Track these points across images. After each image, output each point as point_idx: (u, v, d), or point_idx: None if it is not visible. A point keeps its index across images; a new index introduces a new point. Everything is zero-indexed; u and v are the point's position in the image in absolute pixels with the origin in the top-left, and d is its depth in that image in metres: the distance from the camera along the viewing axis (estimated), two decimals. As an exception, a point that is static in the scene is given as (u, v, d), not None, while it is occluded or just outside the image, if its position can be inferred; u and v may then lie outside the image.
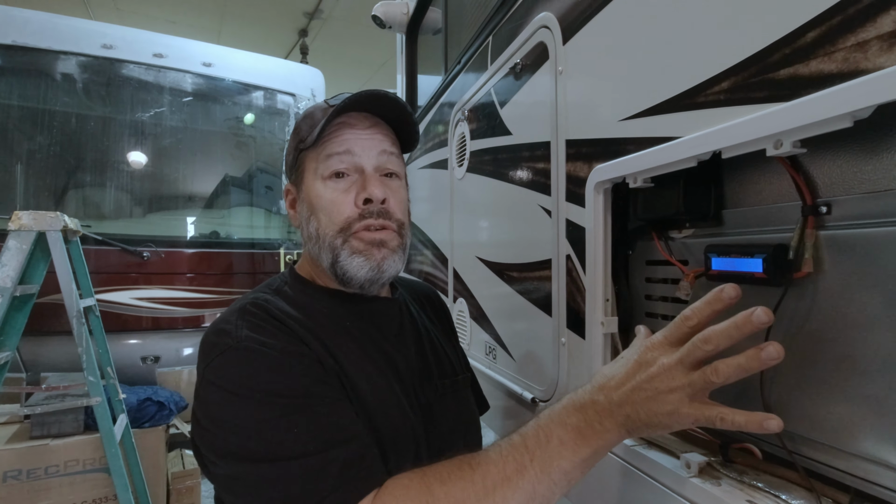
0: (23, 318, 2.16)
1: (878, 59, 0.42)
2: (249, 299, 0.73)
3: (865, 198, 0.49)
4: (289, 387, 0.62)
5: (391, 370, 0.76)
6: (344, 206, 0.75)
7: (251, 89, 3.78)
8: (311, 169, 0.78)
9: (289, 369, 0.64)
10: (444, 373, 0.85)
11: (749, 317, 0.48)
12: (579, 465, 0.57)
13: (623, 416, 0.56)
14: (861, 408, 0.49)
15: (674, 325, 0.55)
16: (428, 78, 2.13)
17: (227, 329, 0.67)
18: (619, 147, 0.76)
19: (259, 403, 0.60)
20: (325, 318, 0.75)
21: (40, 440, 2.34)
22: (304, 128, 0.79)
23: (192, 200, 3.57)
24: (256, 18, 5.99)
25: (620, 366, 0.59)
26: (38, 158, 3.11)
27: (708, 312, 0.52)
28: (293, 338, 0.68)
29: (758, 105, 0.53)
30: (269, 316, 0.69)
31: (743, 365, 0.48)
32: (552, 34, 0.94)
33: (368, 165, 0.76)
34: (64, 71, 3.18)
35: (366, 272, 0.74)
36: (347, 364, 0.71)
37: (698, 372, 0.51)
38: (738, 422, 0.49)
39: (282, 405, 0.60)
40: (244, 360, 0.63)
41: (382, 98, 0.77)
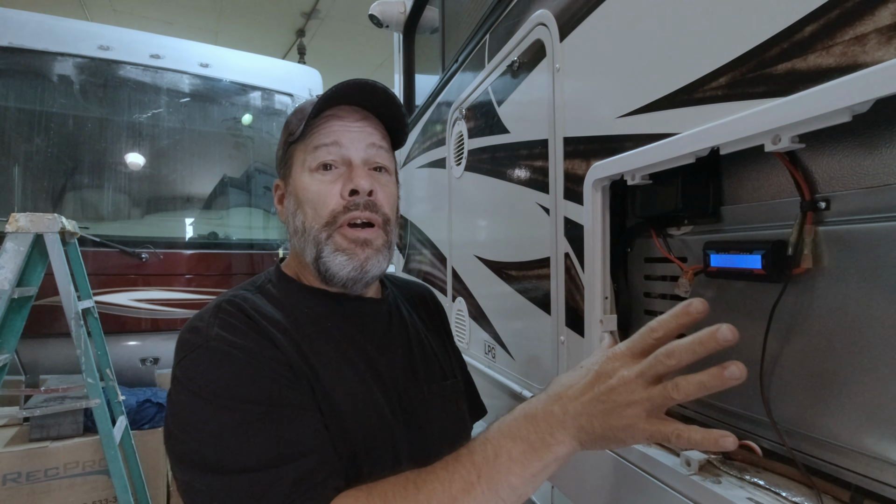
0: (21, 320, 2.15)
1: (876, 52, 0.41)
2: (228, 296, 0.71)
3: (865, 193, 0.49)
4: (253, 393, 0.60)
5: (372, 374, 0.74)
6: (329, 197, 0.73)
7: (249, 90, 3.77)
8: (298, 161, 0.76)
9: (256, 374, 0.62)
10: (433, 377, 0.82)
11: (714, 334, 0.47)
12: (529, 480, 0.55)
13: (577, 427, 0.54)
14: (862, 404, 0.48)
15: (638, 336, 0.54)
16: (425, 77, 2.12)
17: (199, 327, 0.66)
18: (616, 144, 0.75)
19: (220, 408, 0.59)
20: (305, 318, 0.73)
21: (39, 442, 2.34)
22: (294, 121, 0.78)
23: (191, 201, 3.56)
24: (254, 19, 5.98)
25: (579, 375, 0.57)
26: (36, 160, 3.10)
27: (674, 325, 0.51)
28: (265, 339, 0.66)
29: (756, 100, 0.53)
30: (243, 315, 0.68)
31: (704, 383, 0.47)
32: (549, 31, 0.93)
33: (356, 158, 0.75)
34: (61, 72, 3.16)
35: (348, 271, 0.73)
36: (322, 368, 0.69)
37: (658, 387, 0.50)
38: (695, 439, 0.48)
39: (243, 412, 0.59)
40: (211, 362, 0.62)
41: (372, 89, 0.75)
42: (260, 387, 0.61)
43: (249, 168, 3.79)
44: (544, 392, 0.60)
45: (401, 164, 2.36)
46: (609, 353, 0.56)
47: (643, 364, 0.51)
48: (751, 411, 0.61)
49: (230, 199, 3.70)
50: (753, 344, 0.60)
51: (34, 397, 2.36)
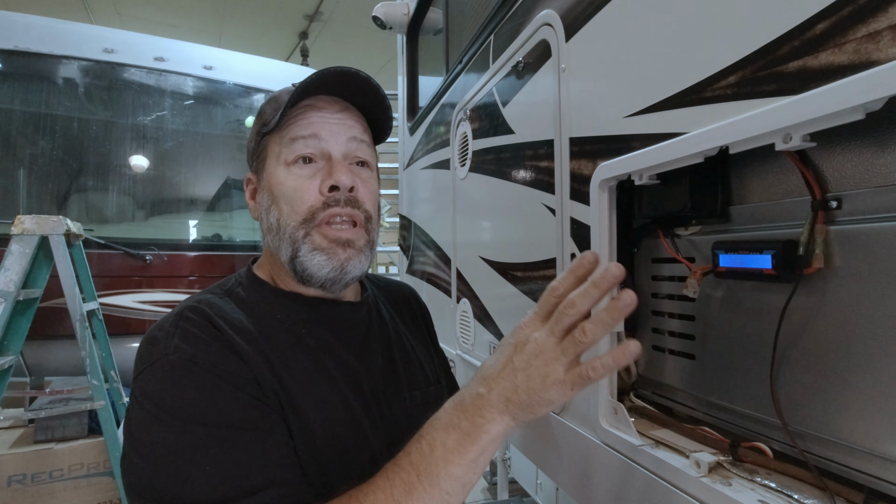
0: (26, 322, 2.16)
1: (890, 49, 0.41)
2: (192, 302, 0.66)
3: (877, 191, 0.49)
4: (212, 414, 0.55)
5: (350, 384, 0.70)
6: (307, 193, 0.68)
7: (252, 92, 3.78)
8: (273, 154, 0.71)
9: (216, 392, 0.57)
10: (416, 384, 0.79)
11: (604, 273, 0.50)
12: (469, 466, 0.55)
13: (504, 401, 0.55)
14: (875, 405, 0.48)
15: (542, 300, 0.56)
16: (429, 79, 2.12)
17: (158, 337, 0.60)
18: (623, 144, 0.75)
19: (176, 430, 0.54)
20: (277, 325, 0.69)
21: (44, 444, 2.35)
22: (269, 111, 0.73)
23: (195, 203, 3.58)
24: (257, 21, 6.01)
25: (498, 353, 0.58)
26: (41, 163, 3.12)
27: (572, 280, 0.53)
28: (229, 352, 0.61)
29: (766, 99, 0.52)
30: (207, 323, 0.62)
31: (605, 318, 0.50)
32: (555, 31, 0.93)
33: (336, 151, 0.70)
34: (66, 75, 3.18)
35: (327, 271, 0.68)
36: (292, 382, 0.64)
37: (569, 337, 0.52)
38: (606, 362, 0.52)
39: (201, 435, 0.54)
40: (169, 377, 0.57)
41: (354, 77, 0.71)
42: (220, 408, 0.56)
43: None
44: (472, 379, 0.60)
45: (405, 166, 2.36)
46: (520, 323, 0.57)
47: (550, 321, 0.54)
48: (761, 412, 0.61)
49: (234, 201, 3.71)
50: (764, 345, 0.59)
51: (39, 399, 2.37)
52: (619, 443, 0.74)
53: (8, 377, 2.08)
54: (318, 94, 0.72)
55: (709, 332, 0.69)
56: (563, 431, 0.92)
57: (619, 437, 0.74)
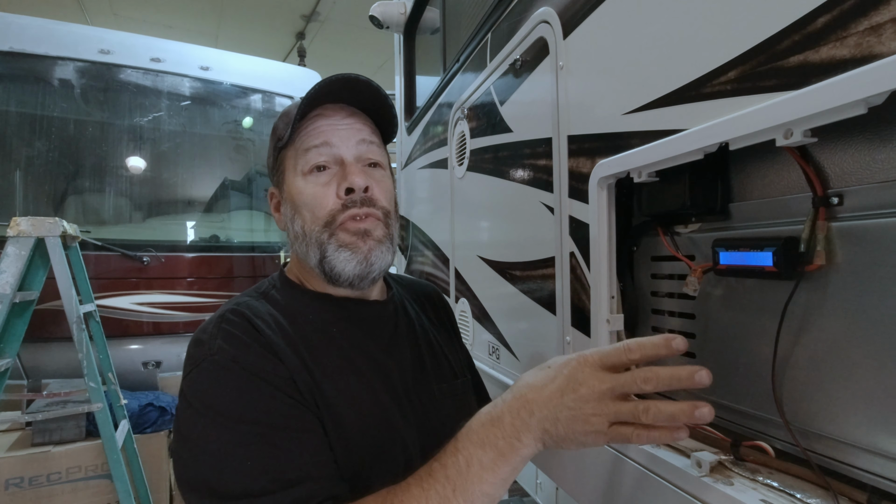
0: (23, 324, 2.15)
1: (892, 42, 0.40)
2: (231, 305, 0.71)
3: (879, 187, 0.48)
4: (252, 413, 0.60)
5: (381, 379, 0.73)
6: (326, 199, 0.72)
7: (249, 92, 3.77)
8: (290, 167, 0.76)
9: (257, 392, 0.61)
10: (443, 377, 0.82)
11: (692, 375, 0.50)
12: (500, 484, 0.57)
13: (542, 430, 0.56)
14: (878, 403, 0.47)
15: (613, 352, 0.56)
16: (427, 78, 2.12)
17: (203, 339, 0.65)
18: (622, 141, 0.74)
19: (220, 427, 0.59)
20: (309, 326, 0.73)
21: (42, 447, 2.34)
22: (281, 126, 0.77)
23: (192, 205, 3.56)
24: (254, 22, 5.99)
25: (547, 377, 0.58)
26: (37, 164, 3.10)
27: (651, 354, 0.54)
28: (268, 353, 0.65)
29: (767, 94, 0.52)
30: (248, 325, 0.67)
31: (675, 414, 0.50)
32: (552, 29, 0.93)
33: (348, 155, 0.74)
34: (62, 77, 3.17)
35: (353, 266, 0.72)
36: (325, 380, 0.68)
37: (629, 405, 0.53)
38: (654, 436, 0.52)
39: (242, 432, 0.59)
40: (213, 377, 0.62)
41: (354, 83, 0.74)
42: (259, 406, 0.61)
43: (250, 171, 3.79)
44: (509, 392, 0.60)
45: (402, 166, 2.35)
46: (580, 359, 0.57)
47: (618, 380, 0.54)
48: (763, 411, 0.60)
49: (231, 202, 3.70)
50: (765, 343, 0.58)
51: (36, 402, 2.36)
52: (619, 443, 0.74)
53: (4, 380, 2.07)
54: (325, 104, 0.76)
55: (709, 330, 0.68)
56: (563, 431, 0.91)
57: (619, 436, 0.73)
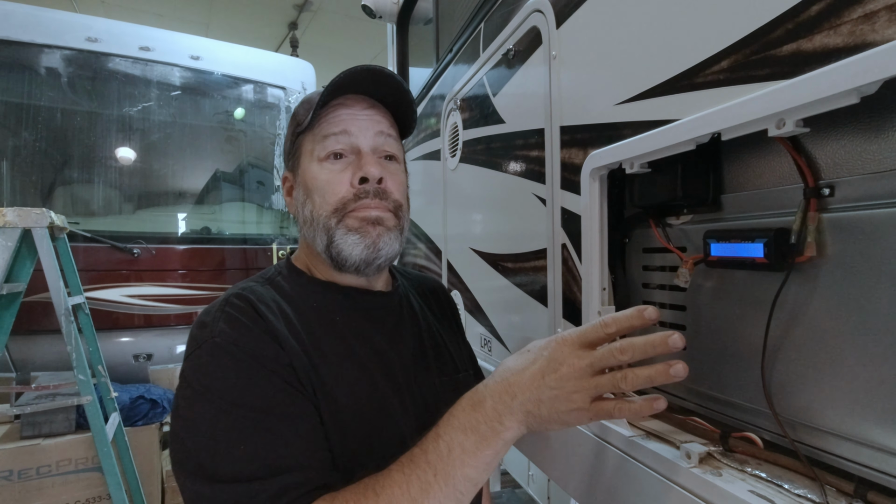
0: (10, 316, 2.12)
1: (886, 30, 0.40)
2: (237, 290, 0.71)
3: (870, 178, 0.48)
4: (249, 397, 0.60)
5: (381, 368, 0.73)
6: (339, 185, 0.73)
7: (241, 83, 3.72)
8: (307, 152, 0.76)
9: (255, 376, 0.61)
10: (445, 370, 0.82)
11: (665, 339, 0.51)
12: (483, 468, 0.58)
13: (525, 412, 0.57)
14: (866, 394, 0.47)
15: (591, 329, 0.56)
16: (420, 70, 2.10)
17: (206, 322, 0.66)
18: (614, 132, 0.74)
19: (216, 410, 0.59)
20: (313, 312, 0.73)
21: (31, 440, 2.32)
22: (301, 112, 0.78)
23: (183, 196, 3.52)
24: (245, 11, 5.91)
25: (528, 361, 0.59)
26: (24, 155, 3.05)
27: (626, 325, 0.54)
28: (269, 337, 0.65)
29: (759, 84, 0.51)
30: (250, 309, 0.67)
31: (652, 377, 0.51)
32: (545, 18, 0.91)
33: (365, 146, 0.75)
34: (48, 65, 3.11)
35: (360, 250, 0.72)
36: (325, 365, 0.68)
37: (607, 376, 0.54)
38: (634, 409, 0.53)
39: (237, 416, 0.59)
40: (214, 360, 0.62)
41: (379, 75, 0.75)
42: (257, 391, 0.61)
43: (242, 162, 3.75)
44: (491, 377, 0.61)
45: (395, 157, 2.34)
46: (559, 339, 0.58)
47: (595, 355, 0.54)
48: (752, 402, 0.60)
49: (223, 194, 3.66)
50: (755, 334, 0.58)
51: (25, 394, 2.34)
52: (609, 434, 0.74)
53: (-8, 373, 2.05)
54: (347, 94, 0.76)
55: (700, 321, 0.68)
56: (553, 423, 0.92)
57: (610, 428, 0.74)
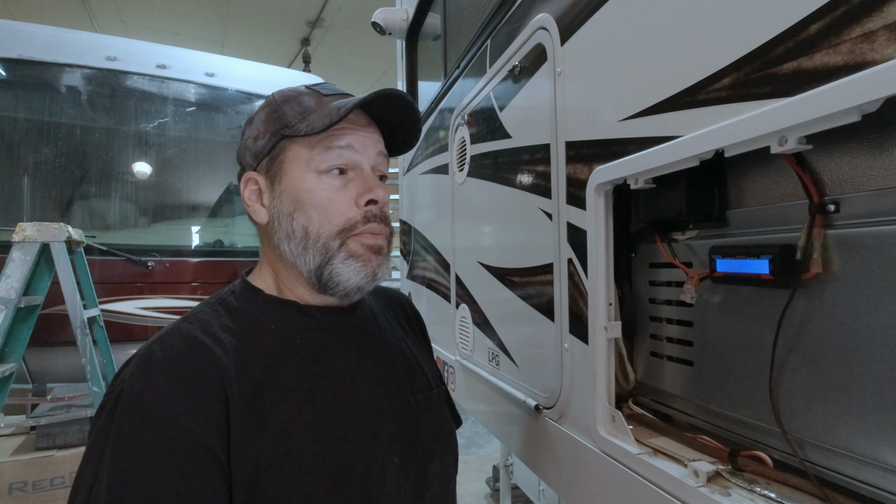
0: (27, 329, 2.17)
1: (885, 49, 0.40)
2: (174, 327, 0.64)
3: (876, 195, 0.48)
4: (126, 479, 0.53)
5: (348, 394, 0.68)
6: (342, 204, 0.69)
7: (254, 98, 3.79)
8: (301, 159, 0.69)
9: (143, 450, 0.54)
10: (418, 387, 0.77)
11: None
12: None
13: None
14: (876, 412, 0.47)
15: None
16: (429, 84, 2.12)
17: (125, 366, 0.61)
18: (619, 148, 0.74)
19: (88, 487, 0.53)
20: (270, 335, 0.68)
21: (46, 451, 2.35)
22: (291, 113, 0.70)
23: (197, 210, 3.58)
24: (259, 29, 6.04)
25: None
26: (44, 170, 3.13)
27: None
28: (187, 392, 0.58)
29: (761, 101, 0.51)
30: (179, 355, 0.60)
31: None
32: (550, 35, 0.93)
33: (366, 165, 0.71)
34: (69, 83, 3.20)
35: (360, 278, 0.69)
36: (281, 403, 0.62)
37: None
38: None
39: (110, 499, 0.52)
40: (115, 419, 0.56)
41: (397, 99, 0.71)
42: (138, 472, 0.53)
43: (255, 176, 3.81)
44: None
45: (405, 171, 2.36)
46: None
47: None
48: (761, 420, 0.60)
49: (235, 208, 3.71)
50: (763, 351, 0.58)
51: (40, 406, 2.37)
52: (616, 451, 0.73)
53: (9, 384, 2.08)
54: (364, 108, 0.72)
55: (707, 338, 0.68)
56: (561, 439, 0.91)
57: (616, 445, 0.73)
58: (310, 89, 0.73)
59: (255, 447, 0.59)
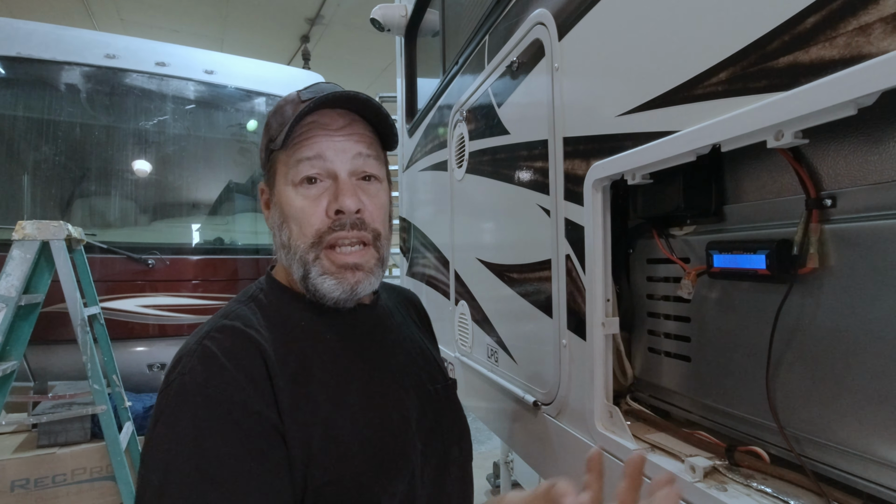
0: (28, 327, 2.17)
1: (881, 42, 0.40)
2: (220, 321, 0.67)
3: (872, 189, 0.47)
4: (207, 457, 0.55)
5: (379, 384, 0.71)
6: (314, 216, 0.68)
7: (253, 96, 3.78)
8: (281, 173, 0.71)
9: (218, 427, 0.57)
10: (436, 378, 0.81)
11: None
12: None
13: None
14: (872, 407, 0.47)
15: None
16: (428, 81, 2.12)
17: (180, 356, 0.63)
18: (617, 143, 0.74)
19: (168, 465, 0.55)
20: (301, 332, 0.70)
21: (47, 449, 2.35)
22: (274, 125, 0.72)
23: (197, 207, 3.58)
24: (258, 26, 6.02)
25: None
26: (44, 168, 3.13)
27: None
28: (246, 379, 0.61)
29: (757, 95, 0.51)
30: (232, 344, 0.63)
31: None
32: (548, 31, 0.92)
33: (342, 171, 0.69)
34: (68, 81, 3.20)
35: (338, 294, 0.69)
36: (322, 393, 0.65)
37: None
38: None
39: (188, 480, 0.54)
40: (180, 404, 0.58)
41: (353, 99, 0.70)
42: (216, 450, 0.56)
43: (254, 173, 3.80)
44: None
45: (404, 168, 2.36)
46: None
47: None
48: (757, 416, 0.59)
49: (236, 205, 3.71)
50: (760, 346, 0.58)
51: (42, 404, 2.38)
52: (614, 447, 0.73)
53: (10, 382, 2.09)
54: (322, 109, 0.71)
55: (704, 333, 0.68)
56: (559, 434, 0.91)
57: (614, 440, 0.73)
58: (297, 94, 0.73)
59: (304, 434, 0.62)
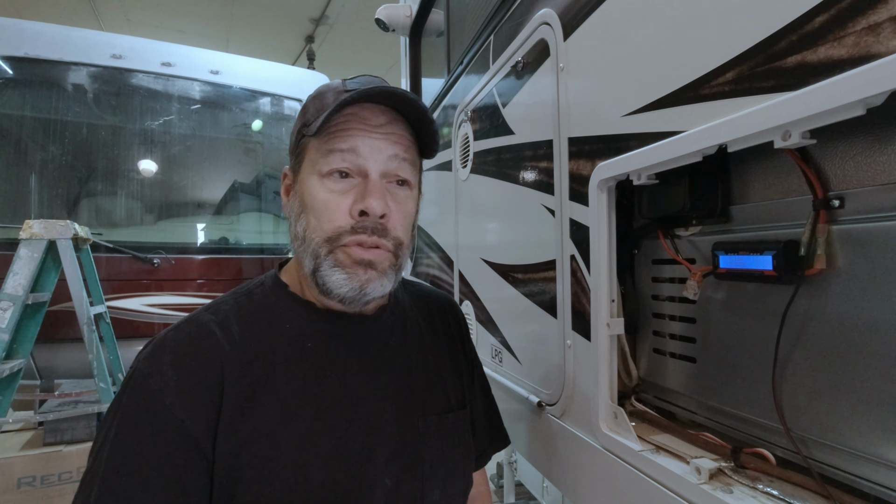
0: (35, 325, 2.19)
1: (891, 42, 0.39)
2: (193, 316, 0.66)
3: (880, 189, 0.47)
4: (127, 452, 0.56)
5: (349, 407, 0.66)
6: (336, 212, 0.64)
7: (258, 96, 3.80)
8: (310, 160, 0.67)
9: (139, 428, 0.57)
10: (431, 409, 0.73)
11: None
12: None
13: None
14: (880, 409, 0.46)
15: None
16: (432, 81, 2.12)
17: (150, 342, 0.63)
18: (622, 143, 0.74)
19: (96, 455, 0.57)
20: (282, 334, 0.67)
21: (53, 447, 2.37)
22: (311, 110, 0.68)
23: (202, 207, 3.60)
24: (263, 26, 6.05)
25: None
26: (51, 168, 3.15)
27: None
28: (185, 384, 0.59)
29: (764, 95, 0.51)
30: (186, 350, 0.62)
31: None
32: (553, 31, 0.92)
33: (374, 170, 0.65)
34: (75, 81, 3.22)
35: (346, 290, 0.65)
36: (272, 406, 0.62)
37: None
38: None
39: (106, 473, 0.55)
40: (123, 392, 0.59)
41: (398, 97, 0.66)
42: (130, 449, 0.56)
43: (259, 173, 3.82)
44: None
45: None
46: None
47: None
48: (763, 417, 0.59)
49: (241, 205, 3.73)
50: (766, 348, 0.57)
51: (48, 402, 2.40)
52: (619, 448, 0.73)
53: (17, 380, 2.11)
54: (365, 102, 0.67)
55: (710, 334, 0.67)
56: (564, 436, 0.91)
57: (619, 442, 0.73)
58: (342, 82, 0.69)
59: (238, 449, 0.59)
